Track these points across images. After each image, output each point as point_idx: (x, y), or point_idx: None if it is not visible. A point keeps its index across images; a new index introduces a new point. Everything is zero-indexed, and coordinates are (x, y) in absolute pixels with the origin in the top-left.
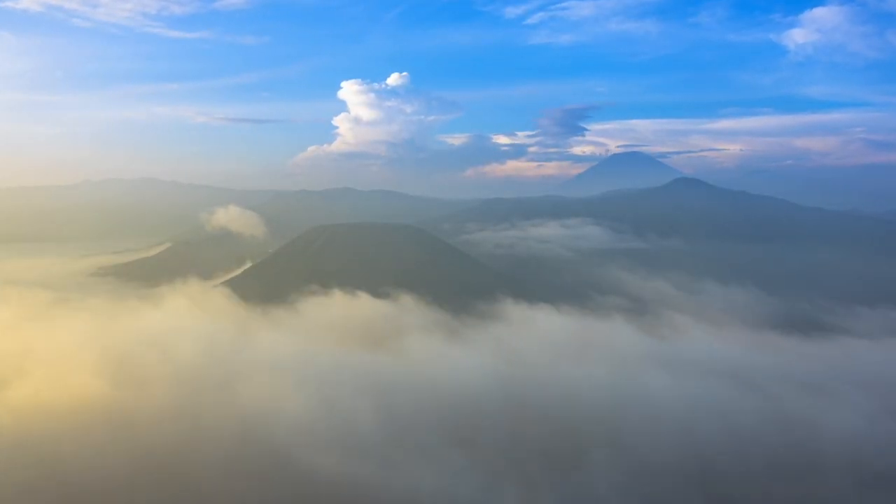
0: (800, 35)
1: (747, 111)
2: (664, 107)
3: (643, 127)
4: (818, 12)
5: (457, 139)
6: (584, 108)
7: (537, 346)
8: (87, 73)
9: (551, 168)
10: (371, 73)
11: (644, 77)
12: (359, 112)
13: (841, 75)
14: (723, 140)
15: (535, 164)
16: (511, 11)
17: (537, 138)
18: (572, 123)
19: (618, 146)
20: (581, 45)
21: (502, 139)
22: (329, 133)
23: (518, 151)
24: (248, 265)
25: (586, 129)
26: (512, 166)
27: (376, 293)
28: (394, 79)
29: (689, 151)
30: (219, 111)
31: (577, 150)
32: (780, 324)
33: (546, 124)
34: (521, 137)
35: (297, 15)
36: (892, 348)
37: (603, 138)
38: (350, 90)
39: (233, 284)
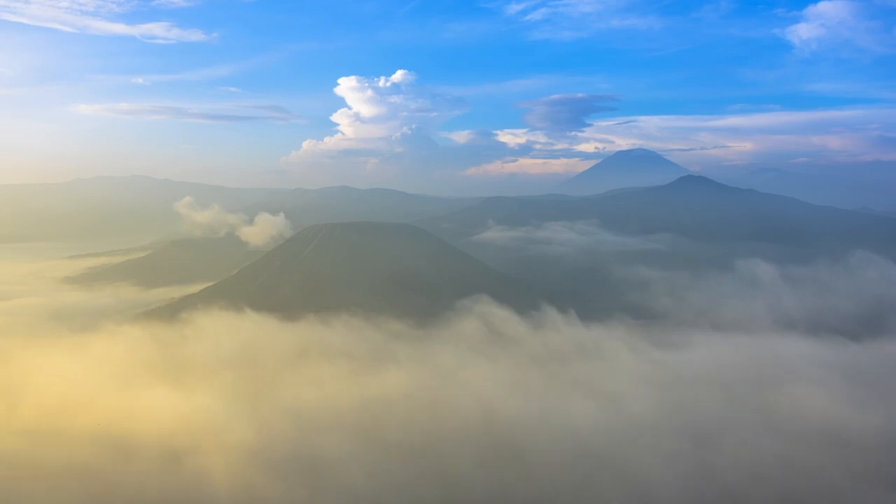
0: (805, 30)
1: (755, 108)
2: (670, 103)
3: (649, 124)
4: (822, 7)
5: (459, 136)
6: (588, 104)
7: (528, 356)
8: (31, 69)
9: (556, 165)
10: (367, 69)
11: (649, 73)
12: (357, 109)
13: (850, 71)
14: (730, 137)
15: (541, 161)
16: (513, 8)
17: (542, 135)
18: (577, 120)
19: (623, 143)
20: (585, 41)
21: (506, 136)
22: (325, 131)
23: (522, 148)
24: (240, 267)
25: (591, 126)
26: (516, 163)
27: (369, 301)
28: (394, 75)
29: (696, 149)
30: (193, 107)
31: (583, 147)
32: (788, 327)
33: (551, 121)
34: (526, 134)
35: (245, 10)
36: None
37: (608, 135)
38: (347, 86)
39: (217, 291)
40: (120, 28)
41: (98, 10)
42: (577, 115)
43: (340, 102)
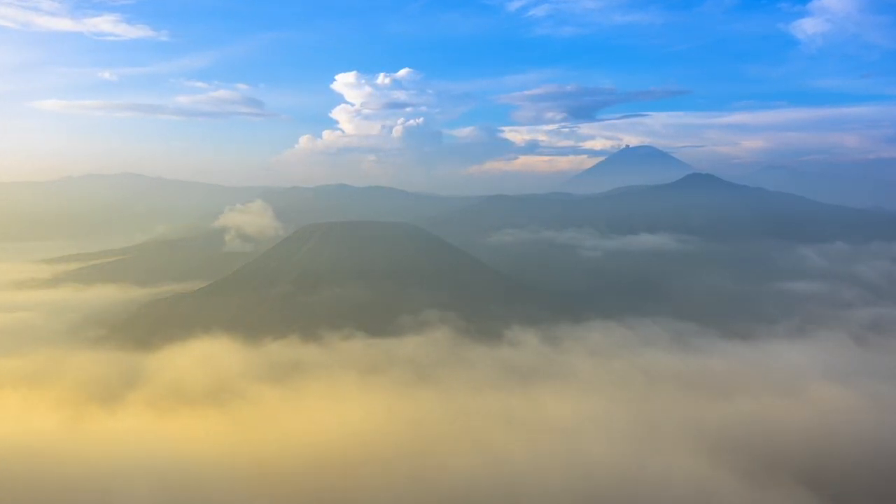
0: (810, 25)
1: (762, 104)
2: (676, 100)
3: (656, 121)
4: (828, 0)
5: (463, 133)
6: (593, 101)
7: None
8: None
9: (562, 162)
10: (364, 65)
11: (653, 70)
12: (356, 105)
13: (858, 68)
14: (738, 134)
15: (546, 158)
16: (514, 4)
17: (546, 133)
18: (583, 117)
19: (632, 140)
20: (588, 37)
21: (511, 133)
22: (322, 127)
23: (528, 145)
24: (231, 269)
25: (596, 123)
26: (521, 161)
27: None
28: (394, 72)
29: (706, 146)
30: (166, 104)
31: (589, 144)
32: (793, 330)
33: (556, 118)
34: (531, 131)
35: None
36: None
37: (615, 132)
38: (345, 82)
39: (201, 298)
40: (66, 24)
41: (38, 3)
42: (585, 113)
43: (338, 99)
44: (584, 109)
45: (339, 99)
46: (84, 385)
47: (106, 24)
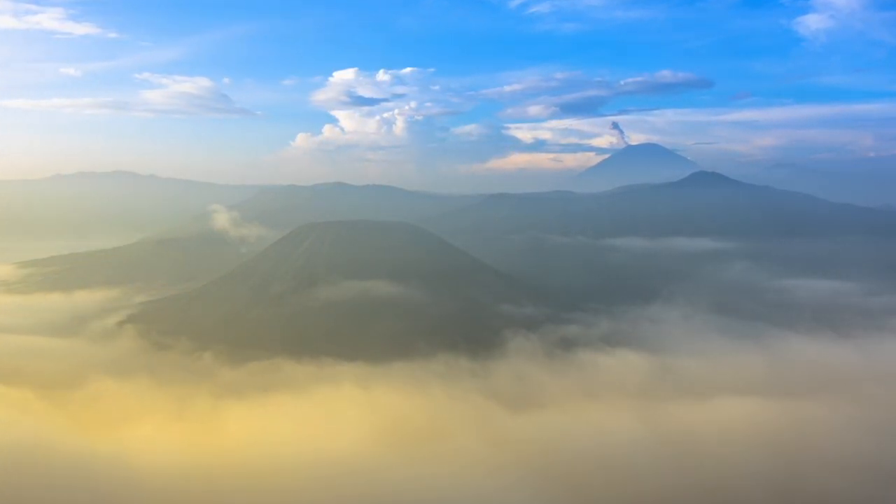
0: (813, 21)
1: (767, 101)
2: (681, 97)
3: (660, 118)
4: None
5: (464, 131)
6: (597, 98)
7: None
8: None
9: (566, 160)
10: (366, 62)
11: (658, 66)
12: (354, 103)
13: (865, 65)
14: (745, 131)
15: (551, 155)
16: (515, 1)
17: (551, 130)
18: (587, 114)
19: (636, 138)
20: (591, 34)
21: (514, 131)
22: (320, 126)
23: (532, 143)
24: (225, 270)
25: (600, 120)
26: (525, 158)
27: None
28: (395, 69)
29: (712, 143)
30: (137, 101)
31: (594, 142)
32: (795, 331)
33: (560, 115)
34: (535, 129)
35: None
36: None
37: (617, 130)
38: (343, 79)
39: (199, 295)
40: (8, 21)
41: None
42: (589, 110)
43: (337, 96)
44: (588, 106)
45: (337, 96)
46: (53, 393)
47: (50, 22)
